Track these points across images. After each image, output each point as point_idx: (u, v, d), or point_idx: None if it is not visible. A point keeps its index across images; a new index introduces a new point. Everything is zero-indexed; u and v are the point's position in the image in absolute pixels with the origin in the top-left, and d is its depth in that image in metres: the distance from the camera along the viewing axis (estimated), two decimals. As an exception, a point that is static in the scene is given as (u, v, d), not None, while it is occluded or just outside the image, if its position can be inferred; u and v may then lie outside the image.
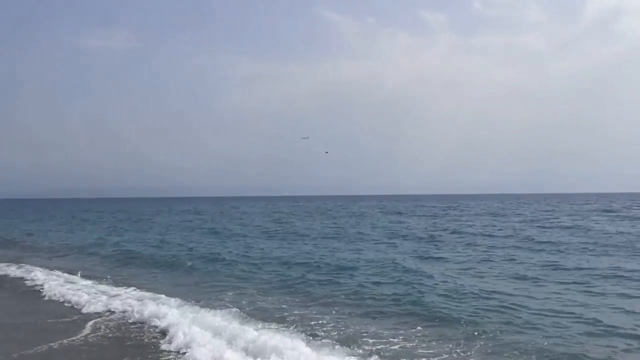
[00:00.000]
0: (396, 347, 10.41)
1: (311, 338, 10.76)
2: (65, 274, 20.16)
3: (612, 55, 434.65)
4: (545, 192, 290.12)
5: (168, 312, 12.81)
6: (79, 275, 19.88)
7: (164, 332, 11.73)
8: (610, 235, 31.34)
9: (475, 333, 11.10)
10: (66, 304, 15.26)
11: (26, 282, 19.36)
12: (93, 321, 13.02)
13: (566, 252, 24.15)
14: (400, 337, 10.97)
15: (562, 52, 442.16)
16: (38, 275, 20.00)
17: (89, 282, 18.54)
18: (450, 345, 10.37)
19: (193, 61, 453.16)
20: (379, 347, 10.35)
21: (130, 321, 13.03)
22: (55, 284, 18.16)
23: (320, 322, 12.34)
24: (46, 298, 16.37)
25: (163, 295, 15.38)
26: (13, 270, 21.94)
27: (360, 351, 10.04)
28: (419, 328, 11.67)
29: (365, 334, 11.22)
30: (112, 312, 13.93)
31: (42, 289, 17.56)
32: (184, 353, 10.22)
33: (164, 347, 10.82)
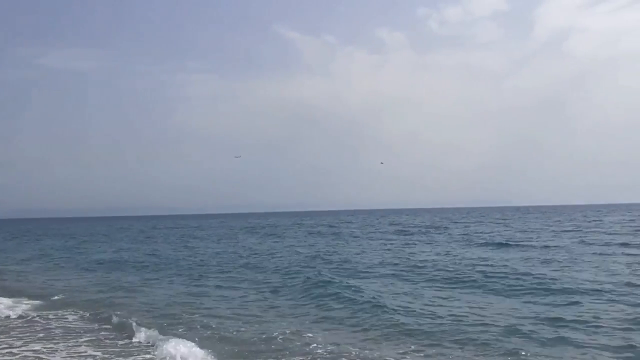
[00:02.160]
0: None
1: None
2: None
3: (564, 73, 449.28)
4: (510, 205, 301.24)
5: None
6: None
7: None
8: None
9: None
10: None
11: None
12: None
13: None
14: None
15: (517, 70, 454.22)
16: None
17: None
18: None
19: (153, 79, 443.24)
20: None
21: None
22: None
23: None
24: None
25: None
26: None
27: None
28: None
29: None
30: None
31: None
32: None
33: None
